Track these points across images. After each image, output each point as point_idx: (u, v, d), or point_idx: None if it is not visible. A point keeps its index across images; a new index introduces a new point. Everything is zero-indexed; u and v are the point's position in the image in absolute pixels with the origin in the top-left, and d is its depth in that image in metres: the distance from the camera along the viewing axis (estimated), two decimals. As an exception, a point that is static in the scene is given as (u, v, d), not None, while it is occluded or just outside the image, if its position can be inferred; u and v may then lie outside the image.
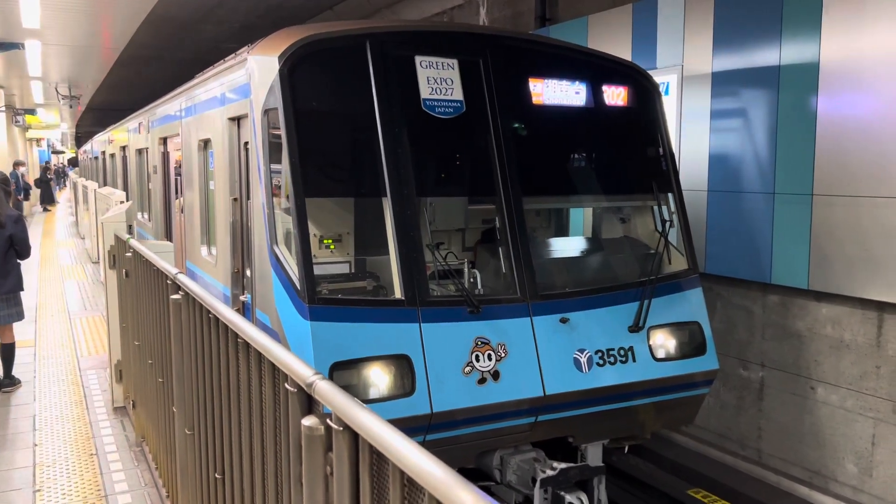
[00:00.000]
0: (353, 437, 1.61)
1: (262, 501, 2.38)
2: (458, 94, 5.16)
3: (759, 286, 6.64)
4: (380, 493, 1.54)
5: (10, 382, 7.54)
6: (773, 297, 6.56)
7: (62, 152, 58.85)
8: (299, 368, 1.88)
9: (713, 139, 6.86)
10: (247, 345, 2.38)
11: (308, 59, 4.87)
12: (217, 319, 2.76)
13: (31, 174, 34.63)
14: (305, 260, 4.53)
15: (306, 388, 1.82)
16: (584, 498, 4.80)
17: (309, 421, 1.79)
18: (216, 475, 2.96)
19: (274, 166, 4.97)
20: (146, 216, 11.92)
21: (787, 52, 6.10)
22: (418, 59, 5.09)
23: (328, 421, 1.72)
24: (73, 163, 48.04)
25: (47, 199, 33.35)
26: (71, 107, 25.69)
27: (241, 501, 2.64)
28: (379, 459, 1.52)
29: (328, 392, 1.71)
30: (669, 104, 7.14)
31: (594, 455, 5.50)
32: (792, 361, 6.40)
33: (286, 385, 1.96)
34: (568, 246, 6.22)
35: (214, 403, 2.96)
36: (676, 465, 6.87)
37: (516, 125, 5.32)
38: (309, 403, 1.88)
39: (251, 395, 2.38)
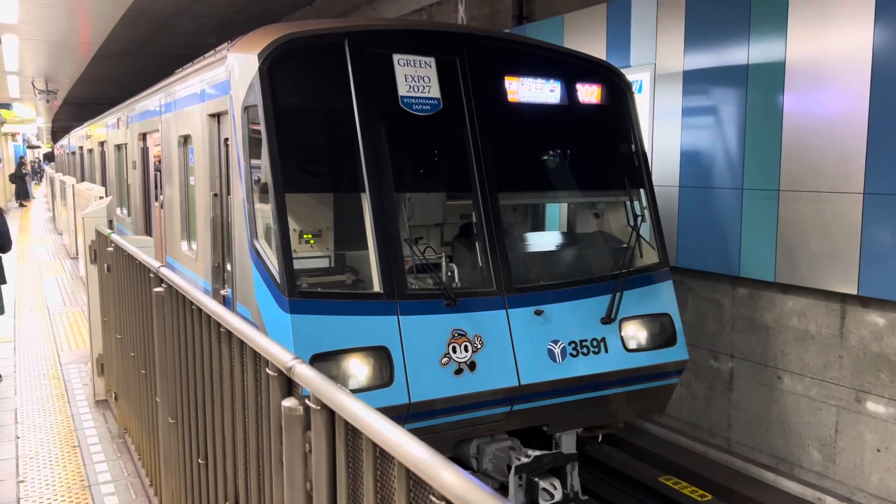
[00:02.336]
0: (330, 415, 1.74)
1: (244, 483, 2.50)
2: (435, 92, 5.28)
3: (729, 279, 6.83)
4: (355, 466, 1.66)
5: (-9, 377, 7.59)
6: (742, 290, 6.75)
7: (38, 147, 58.11)
8: (279, 354, 2.01)
9: (685, 136, 7.04)
10: (229, 334, 2.50)
11: (288, 56, 4.96)
12: (200, 310, 2.87)
13: (7, 170, 34.20)
14: (285, 254, 4.63)
15: (286, 372, 1.94)
16: (558, 484, 4.96)
17: (289, 402, 1.91)
18: (199, 461, 3.07)
19: (254, 162, 5.06)
20: (125, 212, 11.92)
21: (755, 52, 6.28)
22: (396, 57, 5.20)
23: (307, 401, 1.84)
24: (49, 158, 47.48)
25: (22, 195, 33.00)
26: (48, 101, 25.44)
27: (224, 484, 2.76)
28: (354, 435, 1.65)
29: (307, 375, 1.83)
30: (642, 102, 7.31)
31: (568, 444, 5.65)
32: (760, 352, 6.60)
33: (267, 370, 2.08)
34: (543, 240, 6.37)
35: (197, 392, 3.07)
36: (649, 454, 7.06)
37: (492, 122, 5.44)
38: (289, 386, 2.00)
39: (233, 382, 2.49)
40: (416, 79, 5.24)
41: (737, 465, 6.70)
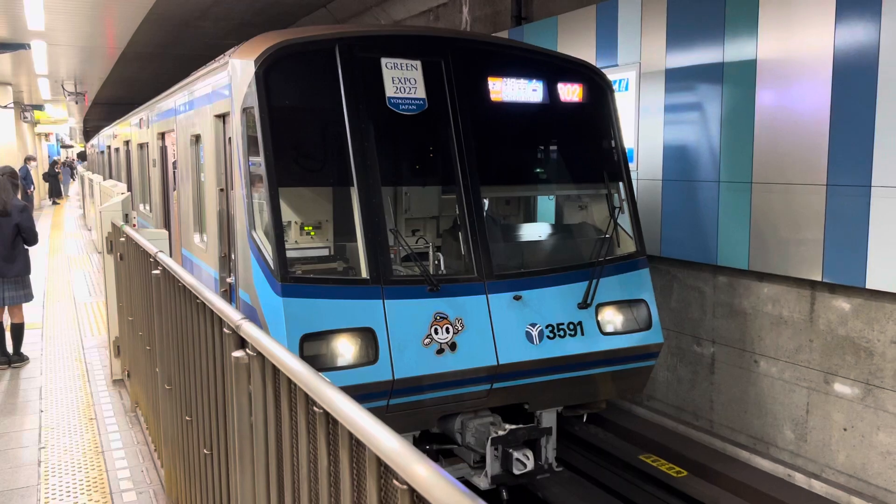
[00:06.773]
0: (263, 361, 2.15)
1: (215, 429, 2.93)
2: (420, 93, 5.65)
3: (710, 268, 7.14)
4: (277, 402, 2.07)
5: (19, 359, 8.16)
6: (721, 278, 7.06)
7: (71, 146, 59.57)
8: (231, 314, 2.43)
9: (667, 132, 7.36)
10: (204, 305, 2.93)
11: (282, 62, 5.38)
12: (184, 287, 3.31)
13: (41, 168, 35.24)
14: (278, 243, 5.05)
15: (235, 329, 2.36)
16: (530, 454, 5.34)
17: (237, 353, 2.33)
18: (186, 417, 3.52)
19: (252, 159, 5.50)
20: (147, 207, 12.51)
21: (730, 51, 6.59)
22: (384, 60, 5.59)
23: (247, 351, 2.26)
24: (82, 156, 48.75)
25: (55, 193, 33.97)
26: (77, 102, 26.30)
27: (203, 434, 3.20)
28: (277, 375, 2.06)
29: (249, 329, 2.25)
30: (628, 100, 7.63)
31: (548, 421, 6.00)
32: (738, 337, 6.90)
33: (224, 329, 2.51)
34: (523, 231, 6.73)
35: (184, 357, 3.51)
36: (634, 434, 7.40)
37: (475, 120, 5.81)
38: (241, 342, 2.42)
39: (206, 344, 2.93)
40: (403, 81, 5.62)
41: (716, 445, 7.01)
